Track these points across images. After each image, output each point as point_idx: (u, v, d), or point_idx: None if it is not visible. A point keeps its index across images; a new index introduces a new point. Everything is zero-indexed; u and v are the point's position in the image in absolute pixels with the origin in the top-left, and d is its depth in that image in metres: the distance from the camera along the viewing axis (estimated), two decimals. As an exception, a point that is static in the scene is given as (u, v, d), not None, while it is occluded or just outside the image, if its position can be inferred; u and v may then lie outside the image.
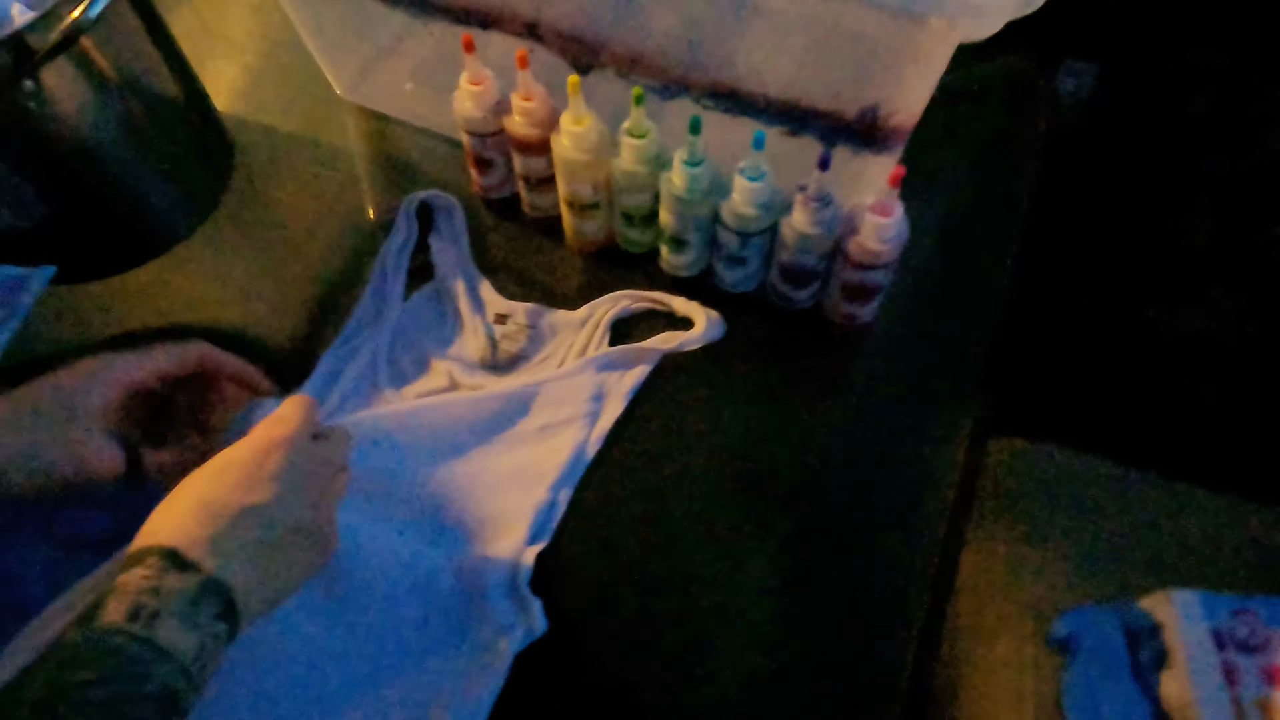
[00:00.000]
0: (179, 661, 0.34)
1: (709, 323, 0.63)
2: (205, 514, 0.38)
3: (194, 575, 0.36)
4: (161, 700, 0.33)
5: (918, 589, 0.54)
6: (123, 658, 0.33)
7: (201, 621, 0.35)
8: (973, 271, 0.68)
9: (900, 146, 0.54)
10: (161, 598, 0.35)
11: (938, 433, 0.60)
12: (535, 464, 0.58)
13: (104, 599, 0.35)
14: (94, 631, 0.33)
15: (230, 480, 0.40)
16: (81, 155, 0.62)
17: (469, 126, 0.64)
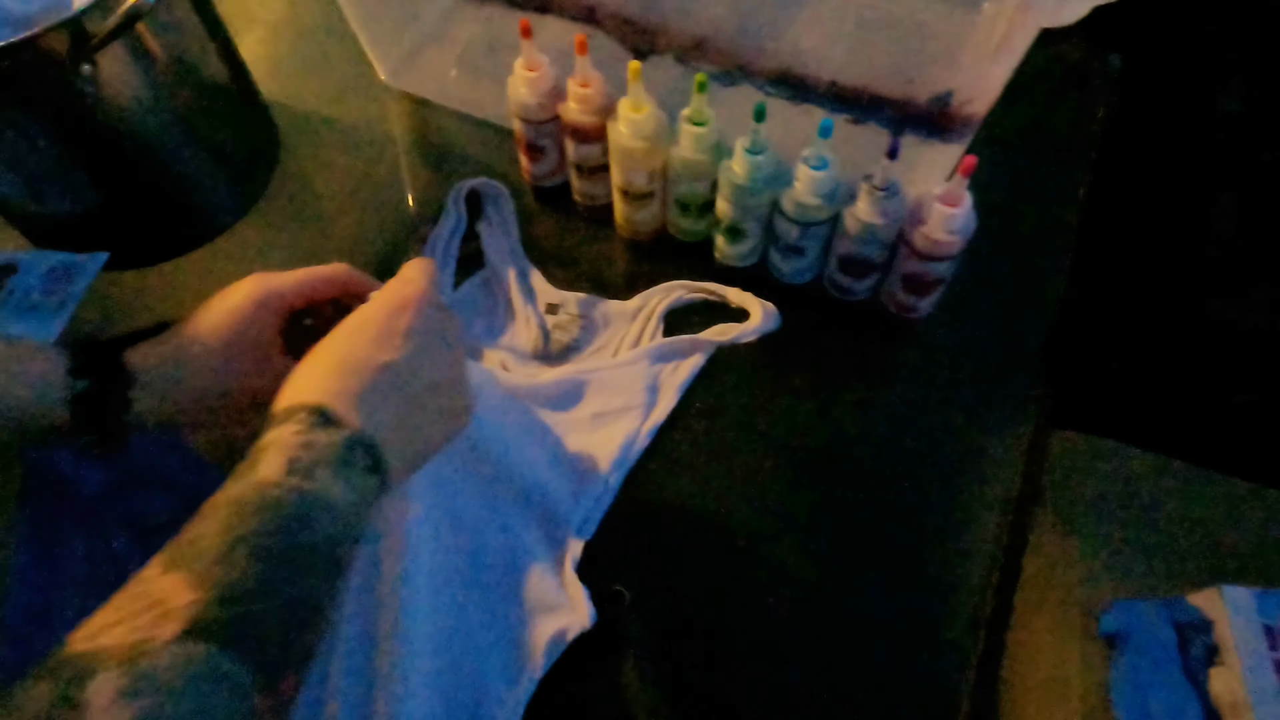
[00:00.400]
0: (338, 512, 0.34)
1: (765, 315, 0.62)
2: (345, 371, 0.38)
3: (342, 430, 0.36)
4: (326, 550, 0.33)
5: (979, 589, 0.54)
6: (286, 509, 0.33)
7: (354, 475, 0.35)
8: (1031, 263, 0.67)
9: (970, 135, 0.53)
10: (314, 451, 0.35)
11: (998, 427, 0.59)
12: (586, 451, 0.58)
13: (258, 455, 0.35)
14: (257, 485, 0.33)
15: (366, 338, 0.39)
16: (134, 141, 0.61)
17: (522, 113, 0.63)
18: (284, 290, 0.46)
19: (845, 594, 0.53)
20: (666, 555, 0.55)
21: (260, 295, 0.45)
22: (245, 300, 0.44)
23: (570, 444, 0.58)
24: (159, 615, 0.29)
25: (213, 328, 0.44)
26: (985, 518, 0.56)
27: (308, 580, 0.33)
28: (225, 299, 0.45)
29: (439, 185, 0.73)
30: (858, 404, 0.60)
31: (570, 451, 0.57)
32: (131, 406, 0.41)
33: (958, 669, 0.51)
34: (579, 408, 0.60)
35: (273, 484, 0.33)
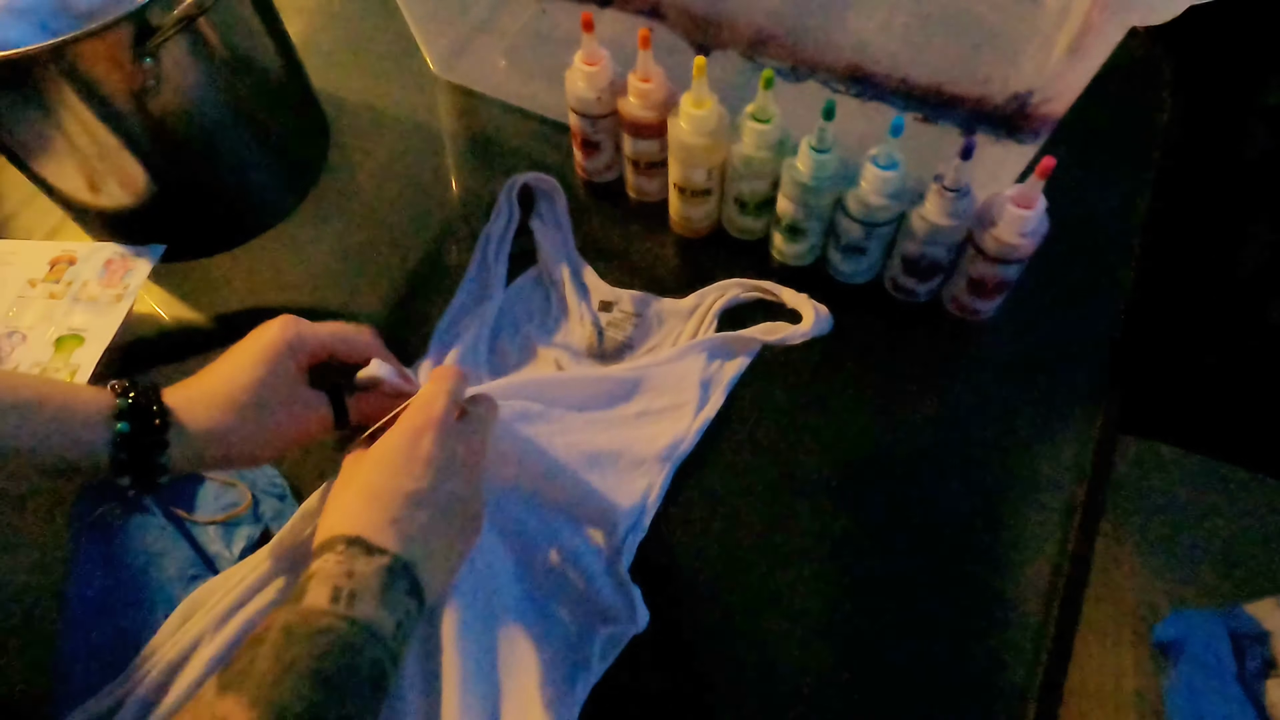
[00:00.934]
0: (381, 636, 0.36)
1: (817, 318, 0.61)
2: (377, 502, 0.40)
3: (381, 557, 0.38)
4: (370, 674, 0.35)
5: (1044, 598, 0.52)
6: (334, 636, 0.35)
7: (395, 599, 0.37)
8: (1098, 264, 0.65)
9: (1045, 135, 0.52)
10: (355, 579, 0.37)
11: (1062, 433, 0.58)
12: (634, 450, 0.57)
13: (305, 584, 0.37)
14: (304, 612, 0.36)
15: (392, 468, 0.41)
16: (192, 133, 0.61)
17: (580, 107, 0.62)
18: (312, 337, 0.47)
19: (904, 599, 0.53)
20: (718, 557, 0.54)
21: (292, 336, 0.46)
22: (277, 339, 0.45)
23: (616, 442, 0.57)
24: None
25: (244, 366, 0.45)
26: (1049, 525, 0.55)
27: (353, 701, 0.34)
28: (257, 339, 0.46)
29: (487, 178, 0.72)
30: (917, 408, 0.59)
31: (616, 451, 0.57)
32: (168, 448, 0.42)
33: (1022, 680, 0.50)
34: (626, 406, 0.59)
35: (320, 612, 0.36)
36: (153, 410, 0.42)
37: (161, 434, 0.42)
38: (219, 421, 0.43)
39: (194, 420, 0.43)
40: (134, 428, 0.41)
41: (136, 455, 0.41)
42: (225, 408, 0.43)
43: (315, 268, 0.70)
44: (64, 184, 0.62)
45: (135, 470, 0.42)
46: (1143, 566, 0.84)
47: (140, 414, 0.42)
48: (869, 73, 0.53)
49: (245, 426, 0.44)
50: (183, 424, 0.42)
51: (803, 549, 0.54)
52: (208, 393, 0.44)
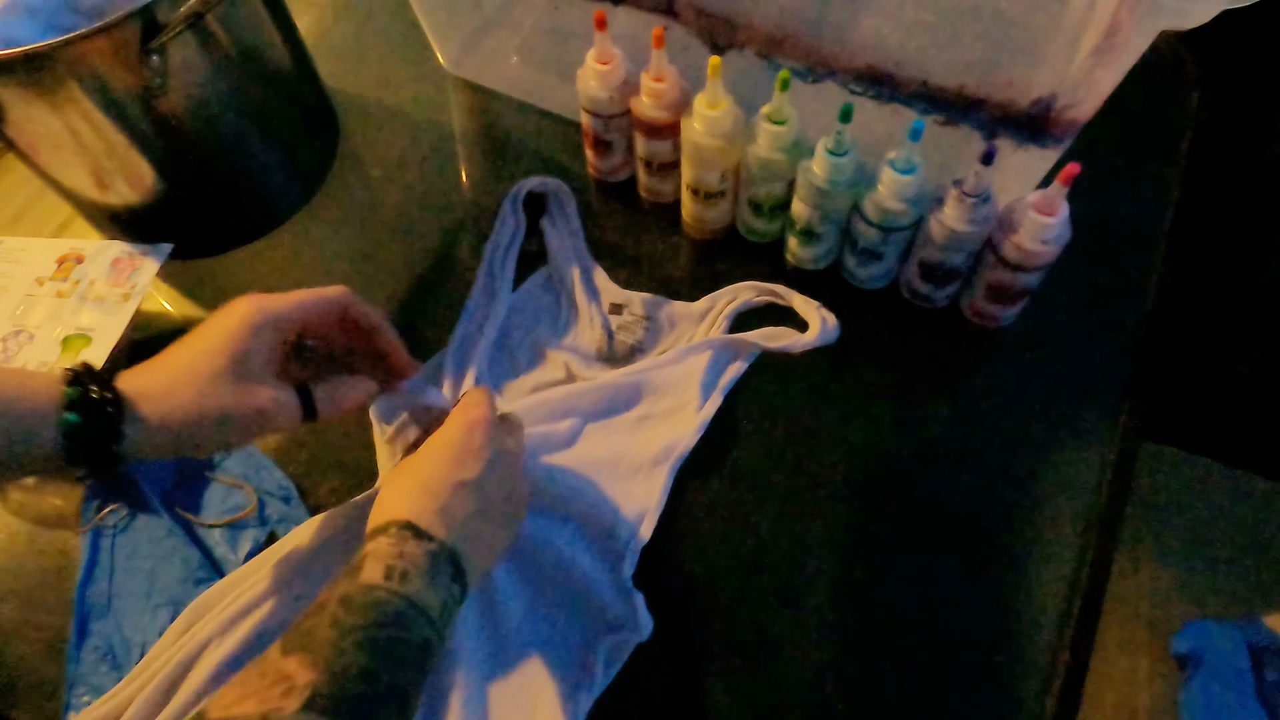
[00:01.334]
0: (429, 613, 0.38)
1: (823, 329, 0.60)
2: (429, 490, 0.42)
3: (429, 542, 0.40)
4: (418, 646, 0.38)
5: (1061, 611, 0.51)
6: (387, 609, 0.37)
7: (441, 582, 0.40)
8: (1120, 271, 0.63)
9: (1069, 140, 0.50)
10: (406, 559, 0.39)
11: (1081, 442, 0.57)
12: (633, 455, 0.56)
13: (361, 561, 0.39)
14: (361, 587, 0.38)
15: (445, 458, 0.44)
16: (200, 130, 0.60)
17: (592, 106, 0.61)
18: (281, 312, 0.45)
19: (917, 607, 0.52)
20: (728, 564, 0.53)
21: (255, 319, 0.44)
22: (239, 324, 0.43)
23: (617, 448, 0.56)
24: (284, 690, 0.33)
25: (205, 351, 0.43)
26: (1067, 534, 0.54)
27: (402, 671, 0.37)
28: (219, 321, 0.44)
29: (499, 176, 0.72)
30: (933, 415, 0.58)
31: (615, 457, 0.56)
32: (124, 438, 0.40)
33: (1037, 690, 0.49)
34: (630, 411, 0.58)
35: (375, 585, 0.38)
36: (105, 399, 0.40)
37: (115, 423, 0.40)
38: (178, 409, 0.41)
39: (151, 408, 0.41)
40: (84, 419, 0.40)
41: (88, 446, 0.40)
42: (182, 394, 0.42)
43: (324, 265, 0.69)
44: (72, 181, 0.62)
45: (89, 460, 0.40)
46: (1161, 576, 0.82)
47: (90, 404, 0.40)
48: (888, 74, 0.52)
49: (206, 416, 0.42)
50: (139, 413, 0.41)
51: (814, 557, 0.53)
52: (167, 378, 0.42)
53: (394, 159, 0.74)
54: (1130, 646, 0.80)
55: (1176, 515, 0.86)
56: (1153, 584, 0.82)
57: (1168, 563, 0.84)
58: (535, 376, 0.61)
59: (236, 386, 0.43)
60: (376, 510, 0.43)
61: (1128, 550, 0.84)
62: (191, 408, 0.42)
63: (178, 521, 0.56)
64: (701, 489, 0.56)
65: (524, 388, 0.60)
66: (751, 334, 0.60)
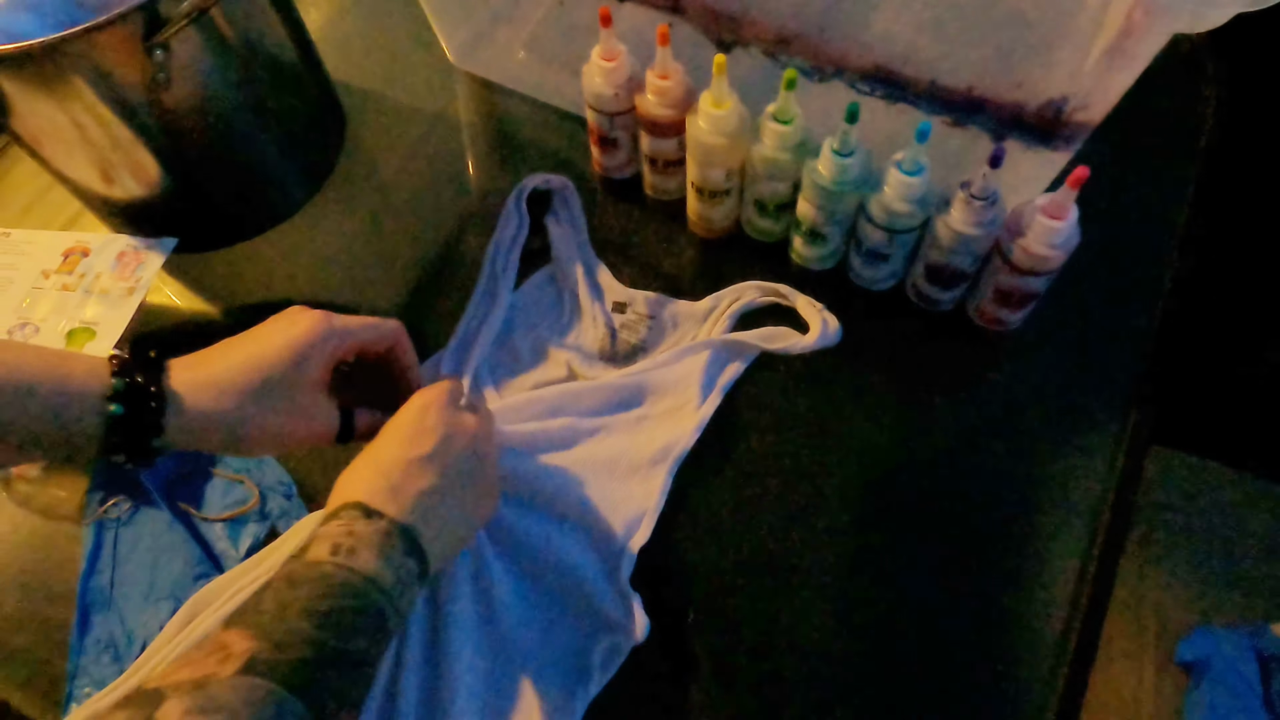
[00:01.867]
0: (381, 586, 0.38)
1: (824, 332, 0.59)
2: (379, 470, 0.42)
3: (380, 520, 0.40)
4: (372, 617, 0.37)
5: (1064, 619, 0.51)
6: (333, 581, 0.37)
7: (393, 556, 0.39)
8: (1132, 273, 0.63)
9: (1079, 143, 0.49)
10: (355, 537, 0.39)
11: (1089, 446, 0.56)
12: (630, 456, 0.56)
13: (309, 544, 0.39)
14: (306, 564, 0.38)
15: (397, 438, 0.43)
16: (205, 124, 0.60)
17: (597, 104, 0.61)
18: (345, 330, 0.45)
19: (921, 610, 0.52)
20: (726, 567, 0.53)
21: (322, 331, 0.44)
22: (304, 337, 0.43)
23: (614, 449, 0.56)
24: (221, 658, 0.33)
25: (263, 359, 0.43)
26: (1073, 539, 0.53)
27: (353, 638, 0.36)
28: (283, 329, 0.44)
29: (505, 171, 0.71)
30: (938, 418, 0.58)
31: (613, 458, 0.56)
32: (164, 432, 0.41)
33: (1040, 695, 0.49)
34: (629, 412, 0.58)
35: (321, 561, 0.38)
36: (150, 393, 0.40)
37: (157, 417, 0.40)
38: (222, 408, 0.42)
39: (196, 404, 0.41)
40: (128, 410, 0.40)
41: (128, 437, 0.40)
42: (233, 396, 0.42)
43: (330, 260, 0.69)
44: (77, 175, 0.62)
45: (127, 450, 0.40)
46: (1169, 582, 0.81)
47: (136, 396, 0.40)
48: (896, 74, 0.51)
49: (248, 421, 0.42)
50: (184, 409, 0.41)
51: (817, 559, 0.53)
52: (219, 376, 0.42)
53: (400, 153, 0.74)
54: (1136, 652, 0.79)
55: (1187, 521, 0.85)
56: (1161, 590, 0.82)
57: (1177, 569, 0.83)
58: (537, 374, 0.61)
59: (288, 401, 0.43)
60: (332, 497, 0.42)
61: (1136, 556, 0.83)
62: (239, 414, 0.42)
63: (179, 515, 0.56)
64: (703, 490, 0.56)
65: (525, 385, 0.60)
66: (750, 334, 0.60)
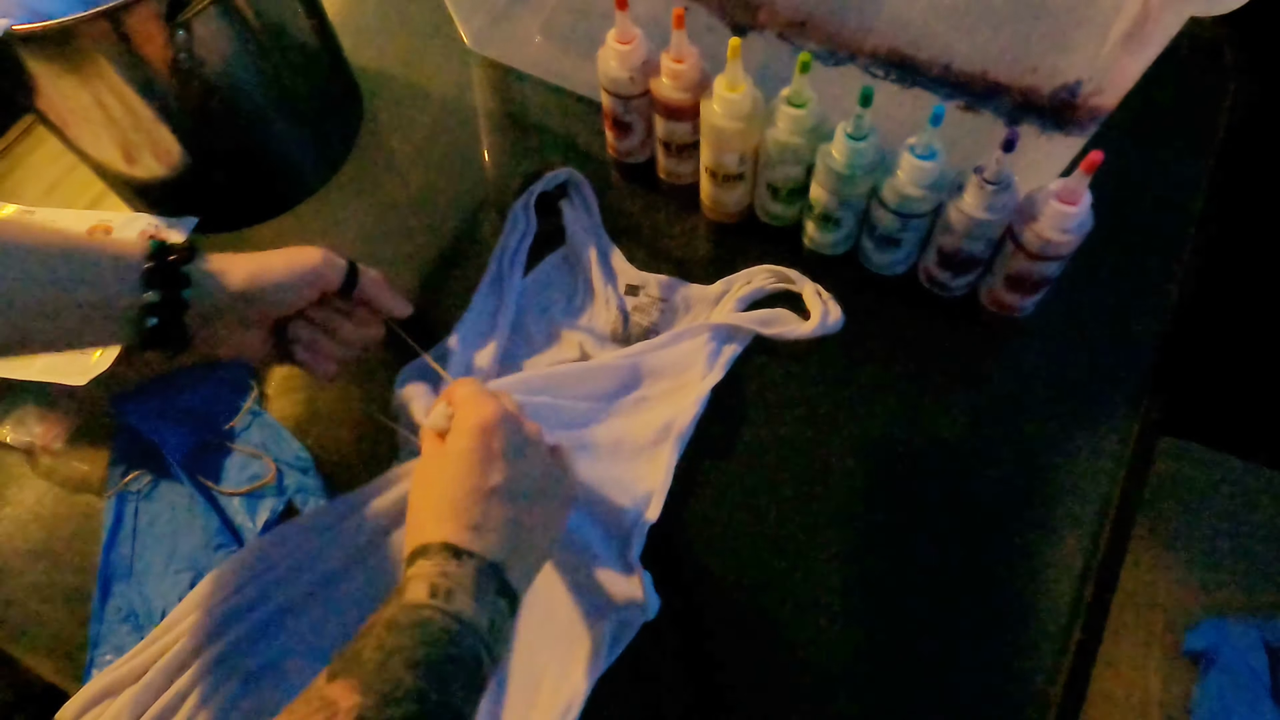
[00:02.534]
0: (477, 630, 0.38)
1: (823, 321, 0.59)
2: (457, 508, 0.41)
3: (470, 560, 0.40)
4: (469, 663, 0.37)
5: (1071, 605, 0.51)
6: (434, 627, 0.37)
7: (487, 599, 0.39)
8: (1146, 260, 0.62)
9: (1093, 128, 0.49)
10: (451, 579, 0.39)
11: (1099, 434, 0.56)
12: (634, 436, 0.57)
13: (405, 584, 0.39)
14: (406, 607, 0.38)
15: (466, 470, 0.43)
16: (225, 105, 0.61)
17: (612, 87, 0.61)
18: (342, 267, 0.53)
19: (928, 595, 0.52)
20: (739, 547, 0.54)
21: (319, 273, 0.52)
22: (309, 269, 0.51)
23: (618, 430, 0.57)
24: (329, 716, 0.33)
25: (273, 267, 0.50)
26: (1081, 528, 0.53)
27: (452, 690, 0.36)
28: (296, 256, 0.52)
29: (520, 155, 0.72)
30: (948, 404, 0.58)
31: (617, 439, 0.56)
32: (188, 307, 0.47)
33: (1044, 683, 0.49)
34: (631, 393, 0.59)
35: (421, 605, 0.38)
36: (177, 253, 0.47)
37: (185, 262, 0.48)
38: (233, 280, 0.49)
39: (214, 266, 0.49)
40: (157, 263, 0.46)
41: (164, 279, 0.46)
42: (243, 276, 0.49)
43: (347, 241, 0.70)
44: (100, 154, 0.63)
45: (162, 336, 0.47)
46: (1178, 571, 0.81)
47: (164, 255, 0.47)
48: (910, 58, 0.51)
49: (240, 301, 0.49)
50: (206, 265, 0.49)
51: (826, 543, 0.53)
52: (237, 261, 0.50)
53: (417, 137, 0.75)
54: (1144, 643, 0.79)
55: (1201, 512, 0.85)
56: (1169, 580, 0.81)
57: (1189, 559, 0.83)
58: (549, 356, 0.61)
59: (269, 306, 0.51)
60: (410, 533, 0.43)
61: (1146, 545, 0.82)
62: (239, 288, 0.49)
63: (198, 489, 0.57)
64: (713, 472, 0.56)
65: (537, 367, 0.61)
66: (749, 316, 0.60)
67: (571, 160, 0.70)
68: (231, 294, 0.49)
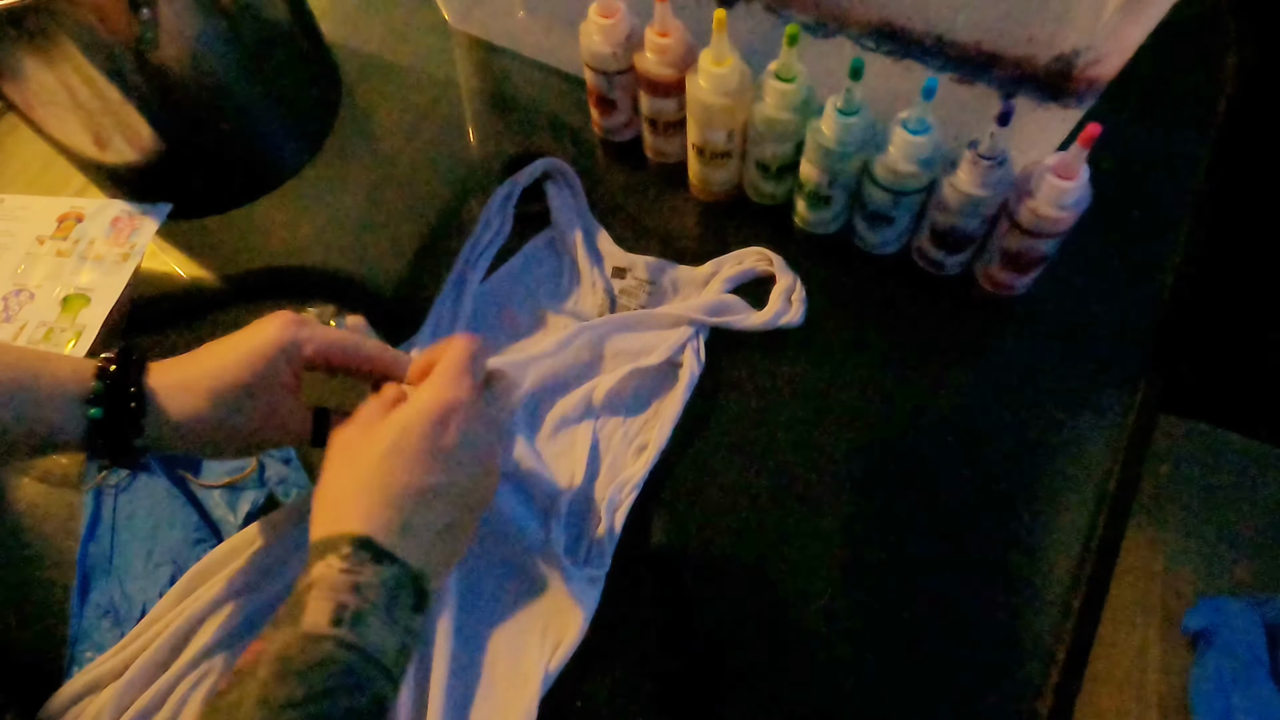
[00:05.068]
0: (385, 666, 0.33)
1: (774, 316, 0.58)
2: (390, 497, 0.36)
3: (391, 566, 0.35)
4: (372, 709, 0.32)
5: (1069, 585, 0.50)
6: (335, 669, 0.32)
7: (400, 617, 0.34)
8: (1144, 236, 0.61)
9: (1091, 100, 0.48)
10: (362, 594, 0.33)
11: (1097, 415, 0.55)
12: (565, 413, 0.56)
13: (304, 596, 0.33)
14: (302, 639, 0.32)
15: (409, 458, 0.37)
16: (196, 86, 0.59)
17: (595, 63, 0.59)
18: (310, 343, 0.43)
19: (925, 576, 0.51)
20: (729, 533, 0.53)
21: (288, 341, 0.43)
22: (271, 345, 0.42)
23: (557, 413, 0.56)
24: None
25: (233, 363, 0.42)
26: (1079, 508, 0.52)
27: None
28: (254, 335, 0.43)
29: (504, 134, 0.70)
30: (942, 385, 0.57)
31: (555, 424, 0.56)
32: (145, 433, 0.41)
33: (1042, 663, 0.48)
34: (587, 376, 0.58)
35: (321, 636, 0.32)
36: (129, 393, 0.40)
37: (137, 418, 0.40)
38: (197, 412, 0.41)
39: (173, 408, 0.41)
40: (108, 414, 0.40)
41: (111, 438, 0.40)
42: (206, 398, 0.41)
43: (327, 225, 0.68)
44: (69, 139, 0.61)
45: (110, 452, 0.41)
46: (1177, 551, 0.81)
47: (116, 399, 0.40)
48: (902, 28, 0.49)
49: (222, 425, 0.42)
50: (162, 409, 0.41)
51: (819, 525, 0.52)
52: (192, 380, 0.42)
53: (398, 116, 0.73)
54: (1142, 622, 0.78)
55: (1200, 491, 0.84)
56: (1168, 559, 0.81)
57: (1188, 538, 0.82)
58: (535, 341, 0.60)
59: (258, 405, 0.42)
60: (323, 509, 0.37)
61: (1144, 525, 0.82)
62: (209, 416, 0.41)
63: (177, 482, 0.56)
64: (700, 456, 0.55)
65: (524, 352, 0.59)
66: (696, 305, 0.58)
67: (556, 139, 0.68)
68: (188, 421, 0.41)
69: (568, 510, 0.52)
